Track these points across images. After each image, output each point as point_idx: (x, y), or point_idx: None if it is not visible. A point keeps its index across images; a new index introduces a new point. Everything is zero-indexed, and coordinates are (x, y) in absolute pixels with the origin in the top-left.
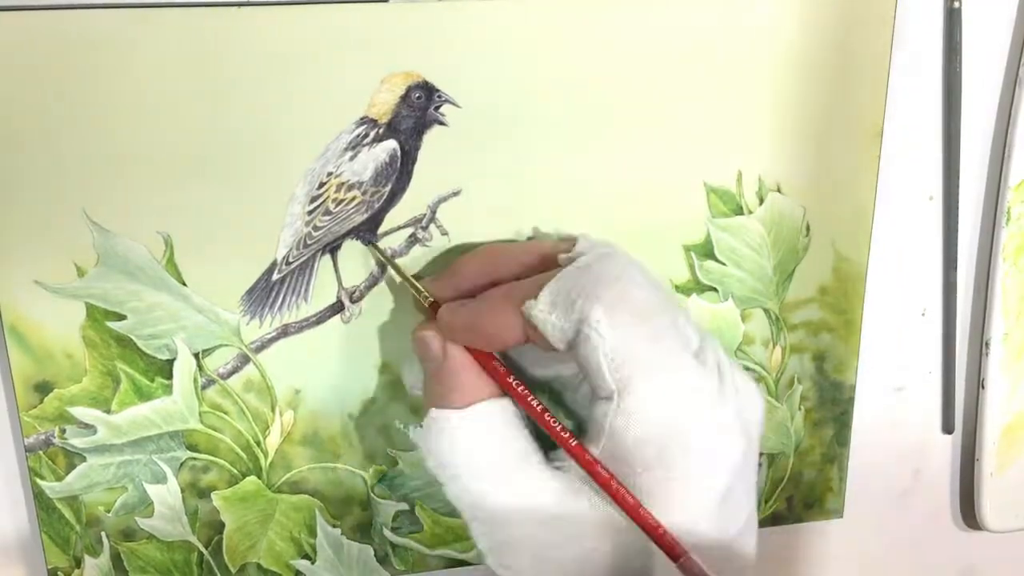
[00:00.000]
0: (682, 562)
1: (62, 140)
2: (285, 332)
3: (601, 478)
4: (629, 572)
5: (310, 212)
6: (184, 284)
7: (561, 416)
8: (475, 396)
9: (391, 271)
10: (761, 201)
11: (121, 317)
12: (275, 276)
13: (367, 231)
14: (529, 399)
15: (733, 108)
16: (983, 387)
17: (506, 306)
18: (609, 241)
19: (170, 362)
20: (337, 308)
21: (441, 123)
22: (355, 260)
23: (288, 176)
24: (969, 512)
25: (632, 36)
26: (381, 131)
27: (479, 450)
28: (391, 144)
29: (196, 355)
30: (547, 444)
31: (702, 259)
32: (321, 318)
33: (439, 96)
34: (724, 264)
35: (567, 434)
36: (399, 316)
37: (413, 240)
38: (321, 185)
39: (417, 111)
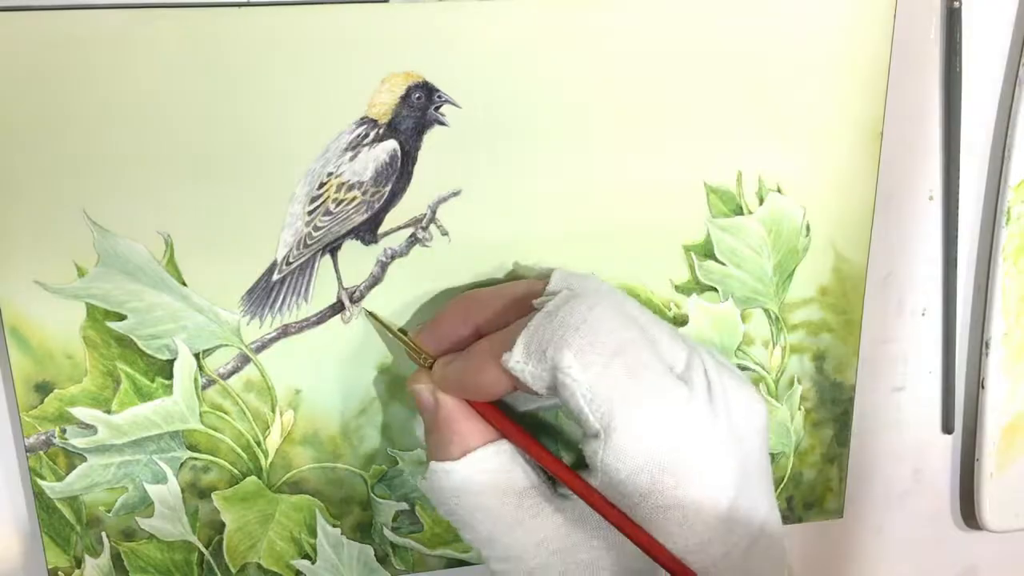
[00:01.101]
0: None
1: (62, 140)
2: (285, 332)
3: (605, 511)
4: None
5: (310, 212)
6: (184, 284)
7: (562, 447)
8: (471, 443)
9: (388, 334)
10: (761, 201)
11: (121, 317)
12: (275, 276)
13: (367, 231)
14: (526, 440)
15: (733, 108)
16: (983, 387)
17: (488, 360)
18: (583, 274)
19: (170, 362)
20: (337, 308)
21: (441, 123)
22: (355, 260)
23: (288, 176)
24: (969, 512)
25: (632, 36)
26: (381, 131)
27: (482, 496)
28: (391, 144)
29: (196, 355)
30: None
31: (702, 259)
32: (321, 318)
33: (439, 96)
34: (724, 264)
35: (567, 470)
36: (399, 316)
37: (413, 240)
38: (321, 185)
39: (417, 111)
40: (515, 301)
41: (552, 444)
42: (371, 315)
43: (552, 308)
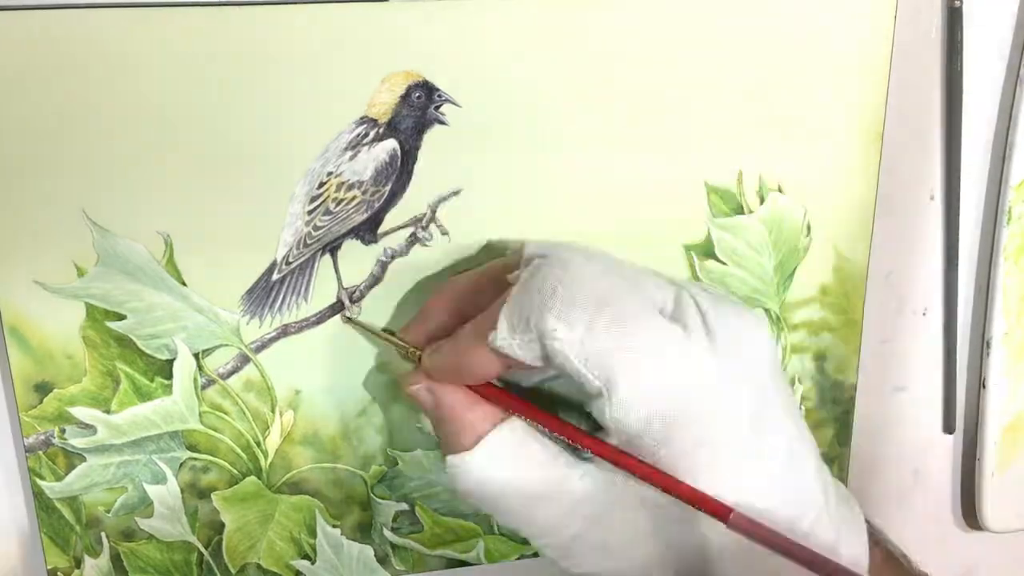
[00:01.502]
0: (732, 520)
1: (62, 140)
2: (285, 332)
3: (628, 465)
4: (685, 543)
5: (310, 212)
6: (184, 284)
7: (574, 415)
8: (481, 430)
9: (371, 335)
10: (762, 201)
11: (121, 317)
12: (275, 276)
13: (367, 231)
14: (537, 413)
15: (733, 108)
16: (984, 387)
17: (476, 343)
18: (554, 241)
19: (170, 362)
20: (337, 308)
21: (441, 123)
22: (355, 260)
23: (288, 176)
24: (970, 512)
25: (632, 36)
26: (381, 131)
27: (504, 479)
28: (391, 144)
29: (196, 355)
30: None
31: (703, 259)
32: (321, 318)
33: (439, 96)
34: (725, 264)
35: (583, 434)
36: (399, 316)
37: (413, 240)
38: (321, 185)
39: (417, 110)
40: (493, 281)
41: (564, 412)
42: (351, 320)
43: (527, 277)
